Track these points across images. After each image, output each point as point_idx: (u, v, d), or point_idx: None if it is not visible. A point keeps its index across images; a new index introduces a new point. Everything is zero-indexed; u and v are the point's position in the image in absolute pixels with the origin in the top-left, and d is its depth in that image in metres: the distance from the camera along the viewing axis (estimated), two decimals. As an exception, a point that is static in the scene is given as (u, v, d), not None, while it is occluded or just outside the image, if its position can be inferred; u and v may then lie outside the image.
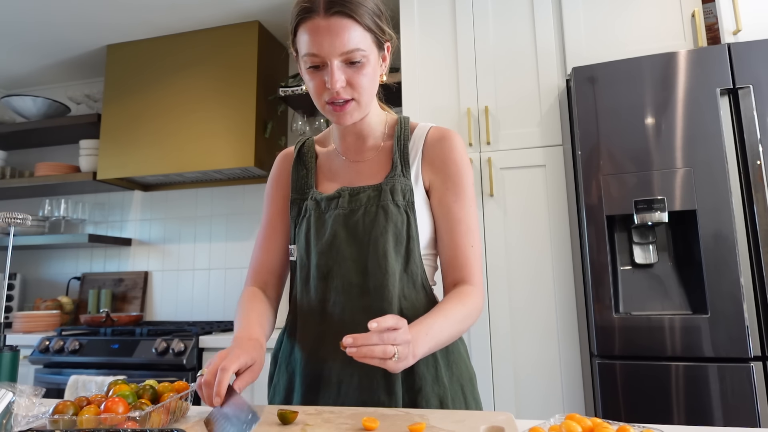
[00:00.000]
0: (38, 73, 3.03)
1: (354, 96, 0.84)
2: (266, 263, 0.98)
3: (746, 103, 1.53)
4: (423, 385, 0.84)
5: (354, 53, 0.81)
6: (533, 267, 1.79)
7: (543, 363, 1.73)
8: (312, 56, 0.81)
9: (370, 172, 0.93)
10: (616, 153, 1.62)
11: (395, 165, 0.91)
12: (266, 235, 0.99)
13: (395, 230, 0.86)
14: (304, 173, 0.98)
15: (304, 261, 0.91)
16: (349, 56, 0.81)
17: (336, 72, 0.81)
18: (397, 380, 0.83)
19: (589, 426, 0.58)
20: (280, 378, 0.93)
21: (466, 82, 1.96)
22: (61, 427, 0.64)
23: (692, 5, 1.78)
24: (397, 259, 0.86)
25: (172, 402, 0.72)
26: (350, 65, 0.82)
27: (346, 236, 0.87)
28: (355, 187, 0.90)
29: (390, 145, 0.95)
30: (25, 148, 3.20)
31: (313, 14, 0.80)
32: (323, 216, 0.90)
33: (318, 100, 0.86)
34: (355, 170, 0.94)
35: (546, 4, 1.93)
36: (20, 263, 3.08)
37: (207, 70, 2.52)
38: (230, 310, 2.66)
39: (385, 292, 0.84)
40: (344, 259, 0.87)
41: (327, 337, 0.86)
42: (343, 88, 0.82)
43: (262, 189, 2.72)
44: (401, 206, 0.87)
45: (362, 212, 0.87)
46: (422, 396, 0.83)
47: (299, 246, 0.92)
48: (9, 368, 0.68)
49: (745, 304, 1.45)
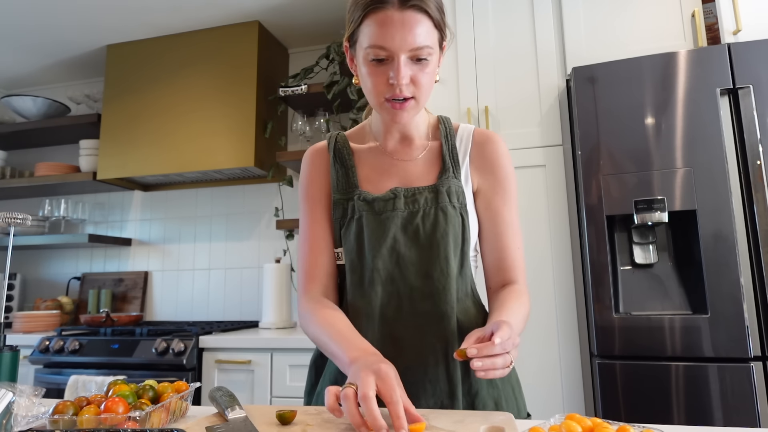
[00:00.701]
0: (38, 73, 3.04)
1: (415, 94, 0.82)
2: (323, 266, 0.90)
3: (746, 103, 1.53)
4: (479, 388, 0.84)
5: (423, 50, 0.79)
6: (533, 267, 1.79)
7: (543, 363, 1.73)
8: (379, 48, 0.78)
9: (421, 172, 0.90)
10: (616, 153, 1.62)
11: (446, 166, 0.89)
12: (317, 235, 0.91)
13: (454, 233, 0.85)
14: (342, 172, 0.93)
15: (356, 264, 0.86)
16: (417, 53, 0.79)
17: (403, 68, 0.78)
18: (458, 384, 0.82)
19: (589, 426, 0.58)
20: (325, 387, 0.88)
21: (466, 82, 1.96)
22: (61, 427, 0.64)
23: (692, 5, 1.78)
24: (455, 262, 0.85)
25: (172, 402, 0.72)
26: (416, 62, 0.80)
27: (406, 240, 0.85)
28: (410, 188, 0.88)
29: (437, 145, 0.93)
30: (25, 148, 3.20)
31: (386, 5, 0.77)
32: (379, 218, 0.86)
33: (376, 96, 0.83)
34: (404, 169, 0.91)
35: (546, 4, 1.93)
36: (20, 263, 3.08)
37: (207, 70, 2.53)
38: (230, 310, 2.67)
39: (447, 296, 0.83)
40: (405, 263, 0.84)
41: (388, 343, 0.83)
42: (406, 85, 0.80)
43: (262, 189, 2.72)
44: (457, 208, 0.86)
45: (421, 215, 0.85)
46: (479, 399, 0.83)
47: (348, 249, 0.87)
48: (9, 368, 0.68)
49: (745, 304, 1.45)
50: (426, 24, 0.79)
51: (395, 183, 0.91)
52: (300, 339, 1.90)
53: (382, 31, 0.78)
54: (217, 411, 0.76)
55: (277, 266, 2.33)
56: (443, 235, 0.84)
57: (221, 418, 0.73)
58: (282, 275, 2.33)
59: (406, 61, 0.79)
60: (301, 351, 1.90)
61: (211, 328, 2.20)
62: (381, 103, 0.83)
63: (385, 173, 0.92)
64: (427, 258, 0.84)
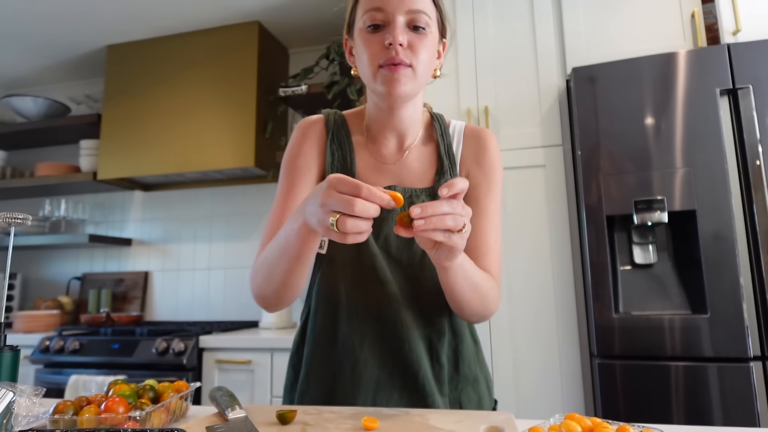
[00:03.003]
0: (38, 73, 3.04)
1: (412, 62, 0.78)
2: None
3: (746, 104, 1.54)
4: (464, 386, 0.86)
5: (420, 15, 0.77)
6: (533, 267, 1.79)
7: (543, 363, 1.73)
8: (375, 11, 0.77)
9: (417, 173, 0.88)
10: (616, 153, 1.62)
11: (443, 167, 0.87)
12: (294, 207, 0.85)
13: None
14: (339, 155, 0.88)
15: (346, 260, 0.83)
16: (415, 17, 0.77)
17: (399, 27, 0.76)
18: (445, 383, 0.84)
19: (589, 426, 0.58)
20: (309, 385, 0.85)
21: (466, 82, 1.96)
22: (62, 427, 0.64)
23: (692, 5, 1.79)
24: None
25: (172, 402, 0.72)
26: (414, 30, 0.78)
27: (399, 240, 0.83)
28: (408, 188, 0.85)
29: (433, 144, 0.90)
30: (25, 148, 3.20)
31: None
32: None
33: (371, 65, 0.79)
34: (400, 169, 0.88)
35: (546, 5, 1.93)
36: (20, 263, 3.08)
37: (207, 71, 2.53)
38: (230, 310, 2.67)
39: (435, 298, 0.83)
40: (398, 262, 0.83)
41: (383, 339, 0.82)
42: (403, 48, 0.77)
43: (262, 189, 2.72)
44: None
45: None
46: (465, 395, 0.85)
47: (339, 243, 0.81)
48: (9, 368, 0.68)
49: (744, 304, 1.45)
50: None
51: (389, 182, 0.88)
52: (300, 339, 1.90)
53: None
54: (217, 411, 0.76)
55: (277, 266, 2.32)
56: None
57: (221, 418, 0.73)
58: (282, 275, 2.33)
59: (403, 24, 0.77)
60: (301, 351, 1.90)
61: (211, 328, 2.20)
62: (375, 72, 0.79)
63: (379, 170, 0.88)
64: (419, 262, 0.84)
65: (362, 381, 0.81)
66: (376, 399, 0.81)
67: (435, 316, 0.84)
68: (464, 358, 0.87)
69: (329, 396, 0.83)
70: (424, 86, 0.86)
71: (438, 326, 0.85)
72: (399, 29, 0.76)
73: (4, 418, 0.59)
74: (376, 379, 0.82)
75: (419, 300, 0.84)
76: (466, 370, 0.87)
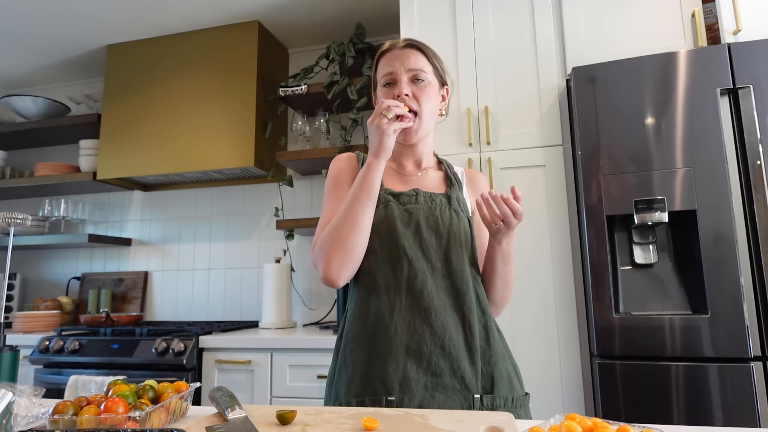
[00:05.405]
0: (38, 73, 3.04)
1: (416, 109, 1.02)
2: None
3: (746, 103, 1.53)
4: (498, 360, 0.96)
5: (419, 72, 1.04)
6: (533, 267, 1.79)
7: (543, 363, 1.73)
8: (387, 75, 1.05)
9: (434, 185, 1.10)
10: (616, 153, 1.62)
11: (453, 184, 1.10)
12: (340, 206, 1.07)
13: (464, 229, 1.02)
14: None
15: (384, 243, 0.99)
16: (415, 73, 1.04)
17: (404, 81, 1.03)
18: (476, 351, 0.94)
19: (589, 426, 0.58)
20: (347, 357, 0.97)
21: (466, 82, 1.96)
22: (61, 427, 0.64)
23: (692, 5, 1.78)
24: (467, 251, 1.01)
25: (172, 402, 0.72)
26: (415, 82, 1.04)
27: (428, 227, 1.00)
28: (427, 192, 1.05)
29: (441, 170, 1.15)
30: (25, 148, 3.20)
31: (392, 49, 1.07)
32: (404, 207, 1.02)
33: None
34: (420, 182, 1.10)
35: (546, 4, 1.92)
36: (20, 263, 3.08)
37: (207, 70, 2.53)
38: (230, 310, 2.67)
39: (464, 276, 0.98)
40: (427, 246, 0.99)
41: (415, 312, 0.95)
42: (408, 96, 1.01)
43: (262, 189, 2.72)
44: (465, 213, 1.05)
45: (439, 210, 1.02)
46: (498, 370, 0.95)
47: (376, 230, 1.00)
48: (9, 368, 0.68)
49: (745, 304, 1.45)
50: (421, 56, 1.06)
51: (411, 187, 1.08)
52: (300, 339, 1.90)
53: (388, 62, 1.06)
54: (217, 411, 0.76)
55: (277, 266, 2.33)
56: (457, 228, 1.01)
57: (221, 418, 0.73)
58: (282, 275, 2.33)
59: (407, 80, 1.04)
60: (301, 351, 1.90)
61: (211, 328, 2.19)
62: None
63: (402, 181, 1.10)
64: (446, 243, 1.00)
65: (393, 348, 0.92)
66: (406, 365, 0.91)
67: (464, 293, 0.98)
68: (494, 336, 0.99)
69: (366, 362, 0.94)
70: (434, 126, 1.10)
71: (468, 302, 0.97)
72: (403, 82, 1.04)
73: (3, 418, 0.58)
74: (405, 346, 0.92)
75: (450, 277, 0.98)
76: (497, 346, 0.98)
